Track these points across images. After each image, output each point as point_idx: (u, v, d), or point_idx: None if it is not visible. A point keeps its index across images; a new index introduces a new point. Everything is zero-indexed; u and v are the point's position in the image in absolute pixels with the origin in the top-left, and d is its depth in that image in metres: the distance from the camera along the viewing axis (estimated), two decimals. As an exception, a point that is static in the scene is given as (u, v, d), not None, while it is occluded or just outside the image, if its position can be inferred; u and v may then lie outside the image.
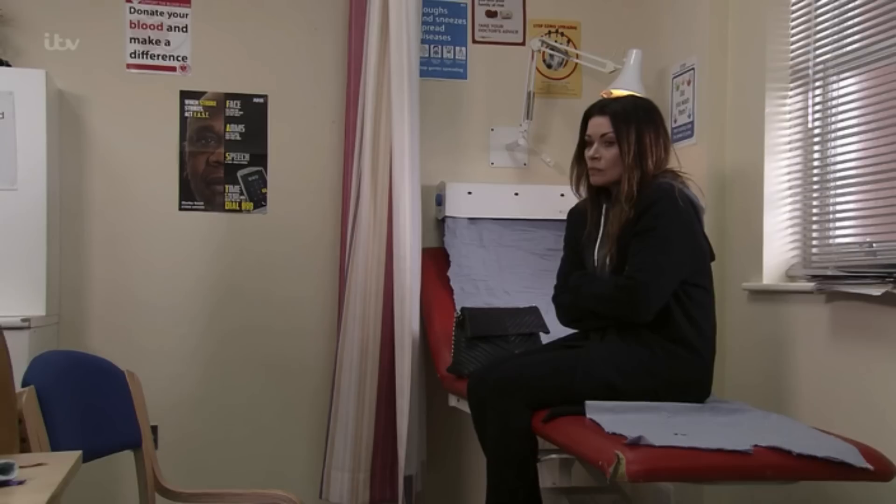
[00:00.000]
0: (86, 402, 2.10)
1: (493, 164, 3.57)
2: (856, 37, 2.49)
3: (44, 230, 2.94)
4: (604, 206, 2.44)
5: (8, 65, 3.04)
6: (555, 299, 2.53)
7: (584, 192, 2.51)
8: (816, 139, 2.67)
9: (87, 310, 3.26)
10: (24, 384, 1.94)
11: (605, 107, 2.42)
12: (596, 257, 2.40)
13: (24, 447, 1.79)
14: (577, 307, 2.42)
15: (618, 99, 2.55)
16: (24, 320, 2.75)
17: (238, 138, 3.38)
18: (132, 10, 3.31)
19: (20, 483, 1.31)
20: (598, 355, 2.29)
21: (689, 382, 2.29)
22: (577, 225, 2.52)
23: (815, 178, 2.67)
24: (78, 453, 1.54)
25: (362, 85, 3.22)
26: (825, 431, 2.05)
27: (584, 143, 2.46)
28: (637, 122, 2.36)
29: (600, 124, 2.39)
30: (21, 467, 1.37)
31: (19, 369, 2.01)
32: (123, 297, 3.28)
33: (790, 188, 2.76)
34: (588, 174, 2.44)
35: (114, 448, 2.16)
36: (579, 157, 2.49)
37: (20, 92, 2.91)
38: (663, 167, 2.38)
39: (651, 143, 2.35)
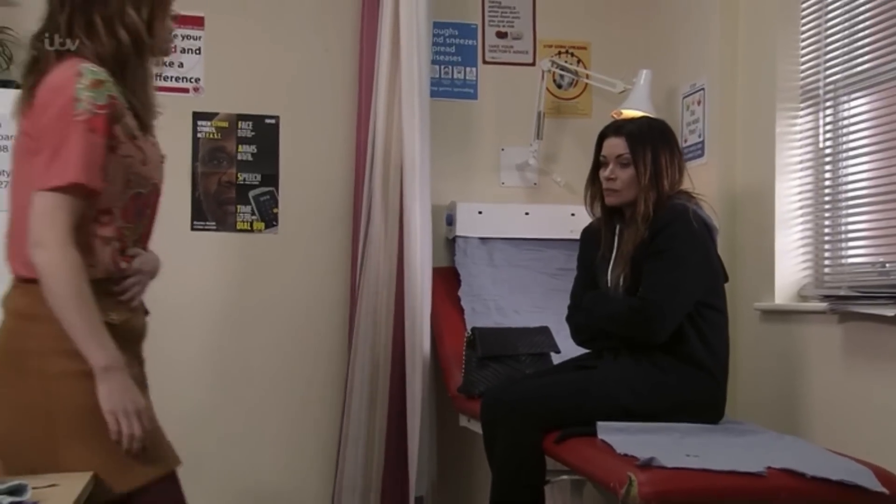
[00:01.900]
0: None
1: (503, 183, 3.58)
2: (866, 57, 2.49)
3: (57, 250, 2.95)
4: (617, 227, 2.44)
5: (23, 87, 3.07)
6: (568, 319, 2.53)
7: (597, 213, 2.50)
8: (828, 159, 2.67)
9: (99, 329, 3.27)
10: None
11: (620, 128, 2.42)
12: (609, 277, 2.40)
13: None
14: (590, 327, 2.42)
15: (633, 120, 2.56)
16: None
17: (250, 159, 3.40)
18: (146, 32, 3.34)
19: (33, 504, 1.31)
20: (611, 377, 2.29)
21: (703, 404, 2.28)
22: (591, 245, 2.52)
23: (827, 198, 2.66)
24: (90, 473, 1.54)
25: (373, 105, 3.24)
26: (839, 453, 2.04)
27: (598, 164, 2.46)
28: (653, 143, 2.36)
29: (616, 145, 2.39)
30: (34, 488, 1.38)
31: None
32: (135, 317, 3.29)
33: (802, 208, 2.75)
34: (602, 194, 2.44)
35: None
36: (593, 178, 2.48)
37: (35, 113, 2.93)
38: (678, 188, 2.39)
39: (666, 164, 2.35)
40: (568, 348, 2.70)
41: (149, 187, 1.71)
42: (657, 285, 2.25)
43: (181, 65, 3.36)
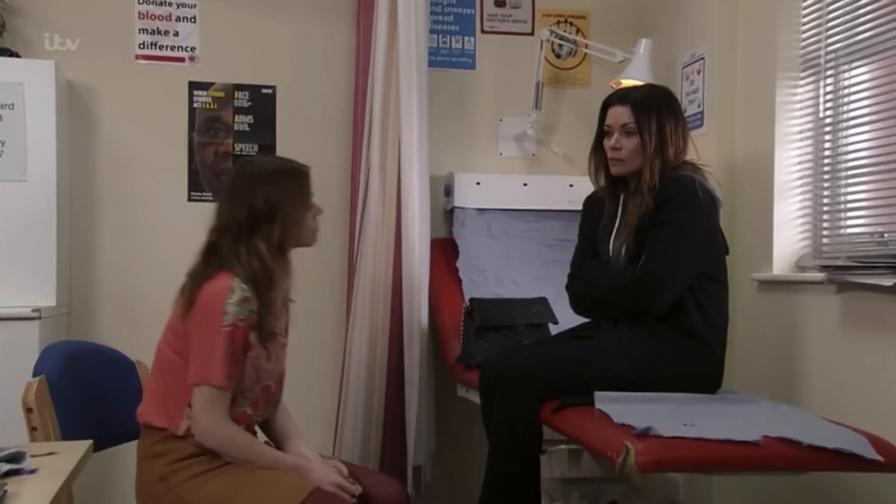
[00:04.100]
0: (95, 391, 2.11)
1: (501, 154, 3.56)
2: (868, 25, 2.47)
3: (54, 221, 2.95)
4: (621, 197, 2.42)
5: (17, 55, 3.04)
6: (568, 287, 2.51)
7: (601, 183, 2.48)
8: (828, 129, 2.65)
9: (96, 300, 3.28)
10: (34, 374, 1.95)
11: (625, 96, 2.39)
12: (612, 247, 2.39)
13: (35, 436, 1.81)
14: (590, 296, 2.41)
15: (636, 88, 2.53)
16: (34, 311, 2.77)
17: (247, 129, 3.39)
18: (140, 0, 3.31)
19: (32, 472, 1.32)
20: (610, 347, 2.29)
21: (700, 375, 2.29)
22: (594, 213, 2.49)
23: (826, 168, 2.65)
24: (88, 442, 1.55)
25: (371, 75, 3.21)
26: (835, 422, 2.05)
27: (602, 133, 2.43)
28: (658, 111, 2.33)
29: (620, 114, 2.36)
30: (32, 456, 1.38)
31: (30, 359, 2.03)
32: (132, 288, 3.29)
33: (801, 178, 2.74)
34: (607, 164, 2.42)
35: (123, 437, 2.17)
36: (597, 148, 2.45)
37: (30, 83, 2.91)
38: (683, 157, 2.36)
39: (671, 133, 2.33)
40: (566, 319, 2.71)
41: (274, 379, 2.10)
42: (661, 256, 2.24)
43: (176, 34, 3.33)
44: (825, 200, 2.66)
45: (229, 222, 2.02)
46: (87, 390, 2.08)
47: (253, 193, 2.01)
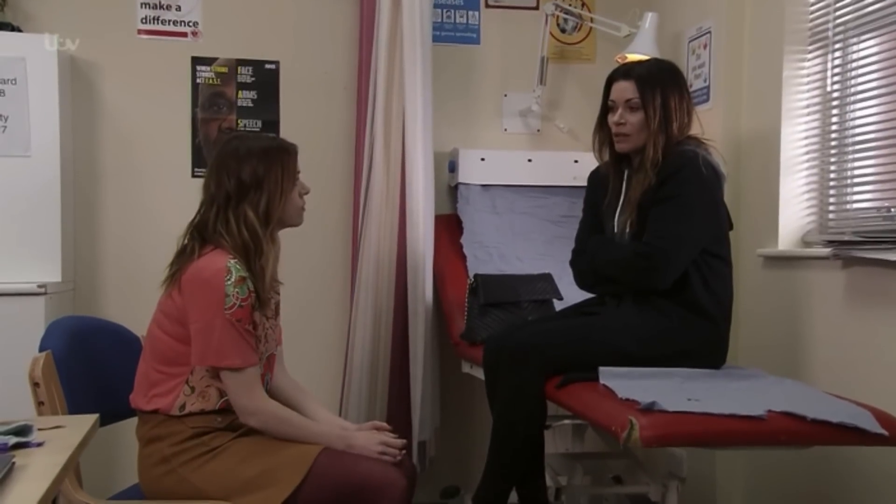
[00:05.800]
0: (101, 366, 2.12)
1: (506, 130, 3.55)
2: (877, -3, 2.44)
3: (58, 197, 2.95)
4: (625, 173, 2.41)
5: (19, 30, 3.02)
6: (572, 263, 2.51)
7: (606, 159, 2.46)
8: (835, 103, 2.63)
9: (101, 276, 3.28)
10: (40, 349, 1.96)
11: (629, 71, 2.37)
12: (616, 223, 2.38)
13: (42, 410, 1.82)
14: (594, 272, 2.41)
15: (641, 63, 2.50)
16: (40, 286, 2.78)
17: (250, 105, 3.37)
18: (142, -25, 3.28)
19: (39, 445, 1.33)
20: (615, 323, 2.28)
21: (705, 351, 2.28)
22: (598, 189, 2.48)
23: (833, 143, 2.63)
24: (95, 416, 1.56)
25: (374, 50, 3.19)
26: (840, 397, 2.05)
27: (606, 109, 2.42)
28: (662, 85, 2.31)
29: (625, 89, 2.34)
30: (39, 430, 1.39)
31: (36, 335, 2.04)
32: (137, 263, 3.29)
33: (807, 153, 2.73)
34: (611, 140, 2.40)
35: (128, 412, 2.18)
36: (602, 123, 2.43)
37: (32, 58, 2.90)
38: (687, 132, 2.34)
39: (676, 108, 2.31)
40: (570, 295, 2.71)
41: (263, 359, 2.06)
42: (664, 232, 2.23)
43: (178, 8, 3.31)
44: (831, 175, 2.65)
45: (216, 195, 2.00)
46: (92, 365, 2.09)
47: (240, 168, 1.99)
